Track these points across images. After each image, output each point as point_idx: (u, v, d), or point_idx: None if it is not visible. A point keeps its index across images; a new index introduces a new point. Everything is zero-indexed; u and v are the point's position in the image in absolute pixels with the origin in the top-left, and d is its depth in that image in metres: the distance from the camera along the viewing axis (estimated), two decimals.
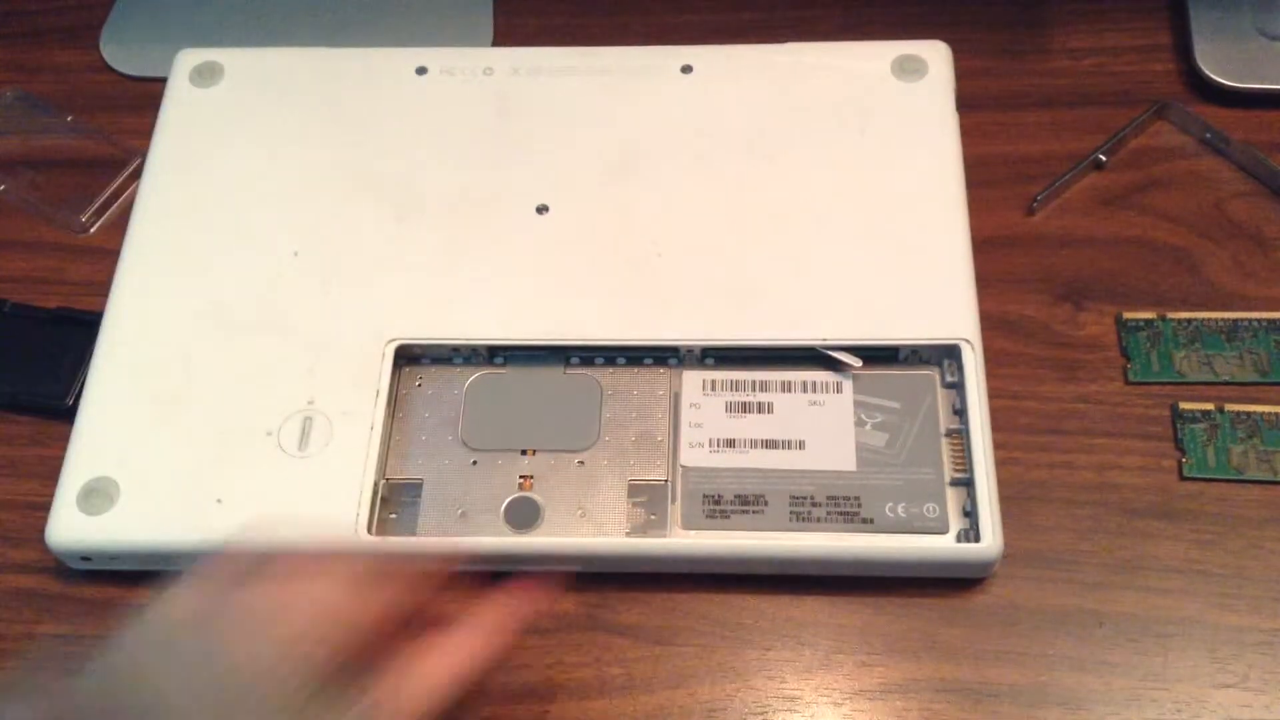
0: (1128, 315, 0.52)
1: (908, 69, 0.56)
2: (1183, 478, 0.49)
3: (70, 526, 0.47)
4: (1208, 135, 0.57)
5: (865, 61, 0.56)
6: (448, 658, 0.37)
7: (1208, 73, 0.58)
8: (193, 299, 0.52)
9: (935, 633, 0.46)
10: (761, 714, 0.45)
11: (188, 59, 0.58)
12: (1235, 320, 0.52)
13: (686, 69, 0.57)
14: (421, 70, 0.58)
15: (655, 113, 0.56)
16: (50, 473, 0.51)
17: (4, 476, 0.52)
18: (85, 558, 0.48)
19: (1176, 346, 0.51)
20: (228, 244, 0.53)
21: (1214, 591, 0.47)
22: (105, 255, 0.55)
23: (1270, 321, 0.52)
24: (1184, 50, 0.59)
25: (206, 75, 0.58)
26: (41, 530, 0.48)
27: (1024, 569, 0.47)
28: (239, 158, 0.55)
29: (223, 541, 0.39)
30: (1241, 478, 0.48)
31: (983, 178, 0.56)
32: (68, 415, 0.52)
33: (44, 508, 0.49)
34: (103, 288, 0.53)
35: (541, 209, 0.53)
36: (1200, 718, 0.44)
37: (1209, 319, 0.52)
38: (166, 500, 0.47)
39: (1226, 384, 0.51)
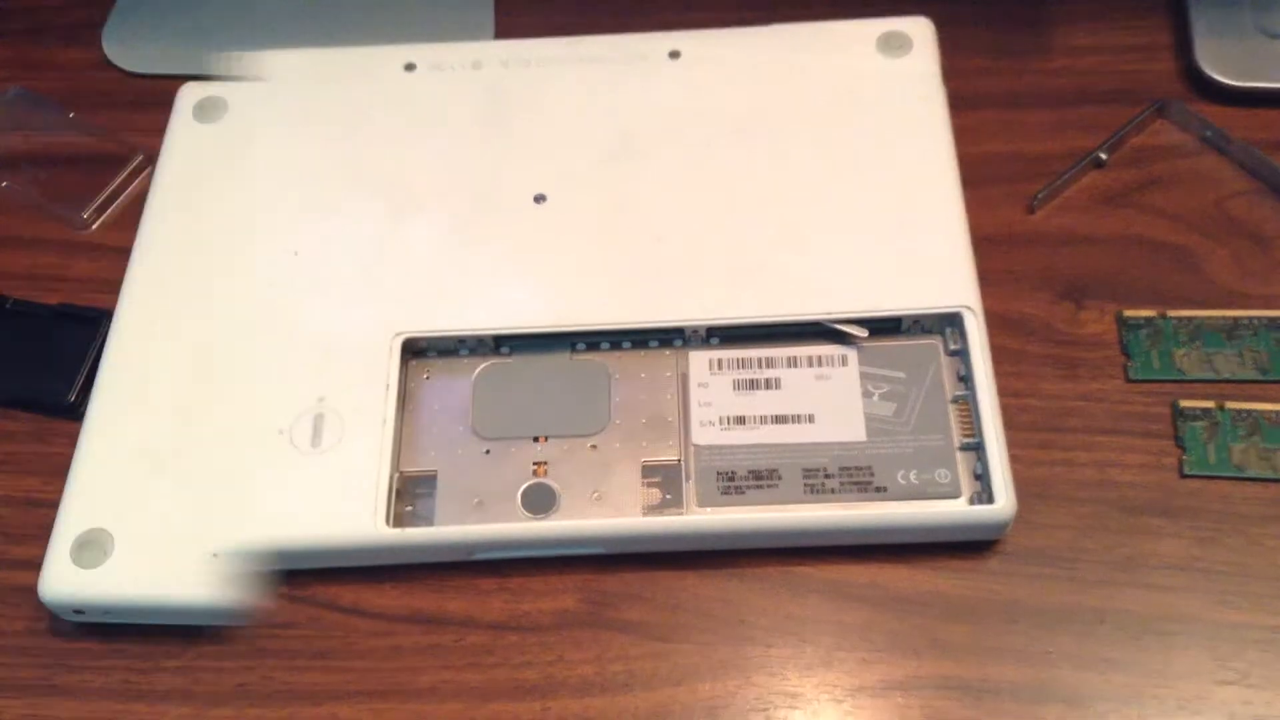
0: (1128, 313, 0.52)
1: (893, 45, 0.57)
2: (1183, 475, 0.49)
3: (63, 580, 0.46)
4: (1208, 134, 0.57)
5: (851, 39, 0.57)
6: None
7: (1208, 71, 0.58)
8: (194, 308, 0.52)
9: (936, 630, 0.46)
10: (763, 711, 0.45)
11: (190, 93, 0.58)
12: (1235, 318, 0.52)
13: (674, 54, 0.57)
14: (410, 67, 0.58)
15: (646, 99, 0.56)
16: (52, 469, 0.51)
17: (5, 473, 0.52)
18: (78, 610, 0.47)
19: (1177, 344, 0.52)
20: (228, 256, 0.53)
21: (1215, 589, 0.47)
22: (107, 252, 0.55)
23: (1270, 319, 0.52)
24: (1184, 49, 0.60)
25: (209, 109, 0.57)
26: (41, 527, 0.48)
27: (1025, 566, 0.47)
28: (240, 177, 0.55)
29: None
30: (1242, 475, 0.49)
31: (983, 176, 0.56)
32: (70, 412, 0.52)
33: (45, 504, 0.49)
34: (105, 284, 0.53)
35: (539, 198, 0.54)
36: (1202, 715, 0.44)
37: (1209, 317, 0.52)
38: (162, 552, 0.46)
39: (1227, 382, 0.51)
